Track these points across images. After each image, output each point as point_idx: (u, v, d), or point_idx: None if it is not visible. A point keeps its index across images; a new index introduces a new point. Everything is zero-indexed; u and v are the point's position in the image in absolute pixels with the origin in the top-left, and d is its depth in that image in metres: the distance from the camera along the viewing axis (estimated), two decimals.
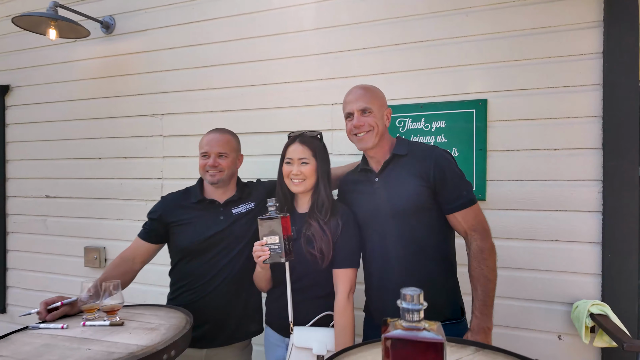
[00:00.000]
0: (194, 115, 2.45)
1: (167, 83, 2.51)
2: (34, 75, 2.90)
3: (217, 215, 1.68)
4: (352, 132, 1.49)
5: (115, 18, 2.62)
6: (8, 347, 1.13)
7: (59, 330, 1.24)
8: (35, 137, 2.90)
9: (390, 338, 0.66)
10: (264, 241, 1.38)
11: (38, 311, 1.34)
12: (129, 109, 2.61)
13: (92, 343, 1.13)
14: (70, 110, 2.78)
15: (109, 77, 2.66)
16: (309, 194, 1.54)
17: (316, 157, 1.50)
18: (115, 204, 2.64)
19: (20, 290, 2.97)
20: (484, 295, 1.37)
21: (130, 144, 2.61)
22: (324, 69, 2.14)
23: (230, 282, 1.65)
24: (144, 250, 1.68)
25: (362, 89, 1.50)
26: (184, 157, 2.48)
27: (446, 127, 1.91)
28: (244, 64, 2.32)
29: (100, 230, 2.68)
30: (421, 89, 1.97)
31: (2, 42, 3.02)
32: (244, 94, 2.32)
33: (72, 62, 2.77)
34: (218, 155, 1.66)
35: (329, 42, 2.13)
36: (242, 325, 1.70)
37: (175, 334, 1.18)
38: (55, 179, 2.83)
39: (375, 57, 2.05)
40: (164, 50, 2.51)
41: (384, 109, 1.51)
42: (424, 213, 1.44)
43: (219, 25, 2.39)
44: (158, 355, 1.05)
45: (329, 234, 1.44)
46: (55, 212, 2.83)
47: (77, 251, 2.73)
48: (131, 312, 1.40)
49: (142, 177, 2.58)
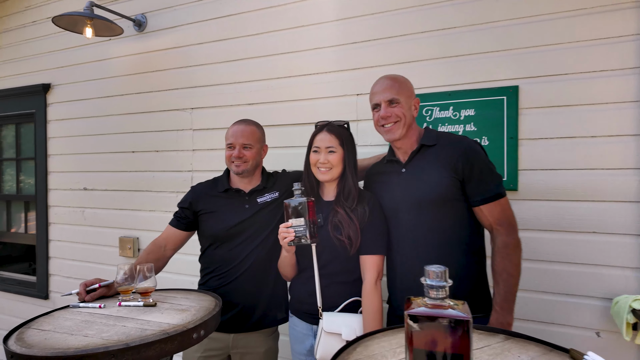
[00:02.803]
0: (222, 109, 2.50)
1: (196, 78, 2.57)
2: (72, 73, 3.05)
3: (243, 204, 1.72)
4: (379, 123, 1.48)
5: (146, 16, 2.71)
6: (51, 322, 1.20)
7: (97, 309, 1.31)
8: (74, 132, 3.05)
9: (413, 315, 0.65)
10: (289, 223, 1.40)
11: (78, 292, 1.41)
12: (160, 104, 2.70)
13: (127, 321, 1.18)
14: (105, 106, 2.90)
15: (142, 74, 2.75)
16: (335, 182, 1.55)
17: (343, 146, 1.50)
18: (148, 195, 2.74)
19: (61, 278, 3.14)
20: (506, 290, 1.34)
21: (162, 138, 2.69)
22: (348, 59, 2.14)
23: (257, 269, 1.69)
24: (176, 238, 1.74)
25: (390, 79, 1.49)
26: (212, 150, 2.54)
27: (475, 115, 1.87)
28: (270, 57, 2.35)
29: (134, 221, 2.78)
30: (449, 76, 1.93)
31: (43, 43, 3.19)
32: (270, 86, 2.35)
33: (107, 59, 2.89)
34: (243, 146, 1.69)
35: (354, 32, 2.12)
36: (269, 312, 1.73)
37: (205, 314, 1.21)
38: (92, 172, 2.97)
39: (401, 46, 2.02)
40: (193, 46, 2.58)
41: (412, 99, 1.49)
42: (451, 204, 1.42)
43: (245, 20, 2.43)
44: (188, 333, 1.09)
45: (355, 220, 1.44)
46: (92, 204, 2.97)
47: (113, 241, 2.85)
48: (164, 295, 1.46)
49: (173, 170, 2.66)
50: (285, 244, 1.42)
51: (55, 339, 1.07)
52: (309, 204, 1.40)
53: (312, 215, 1.40)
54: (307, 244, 1.40)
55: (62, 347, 1.01)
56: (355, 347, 0.92)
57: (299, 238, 1.39)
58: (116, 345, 1.00)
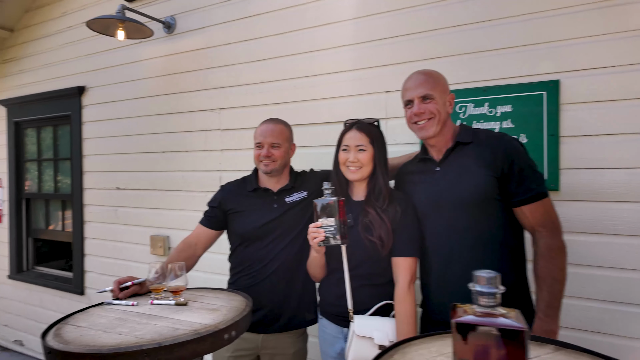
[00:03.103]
0: (249, 109, 2.50)
1: (224, 78, 2.58)
2: (105, 76, 3.14)
3: (271, 204, 1.71)
4: (412, 120, 1.42)
5: (175, 18, 2.76)
6: (86, 319, 1.23)
7: (130, 307, 1.32)
8: (107, 133, 3.14)
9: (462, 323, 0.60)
10: (319, 223, 1.37)
11: (112, 289, 1.43)
12: (189, 104, 2.73)
13: (159, 319, 1.19)
14: (137, 107, 2.97)
15: (171, 75, 2.80)
16: (365, 181, 1.51)
17: (373, 144, 1.46)
18: (178, 195, 2.78)
19: (95, 274, 3.24)
20: (550, 296, 1.26)
21: (191, 138, 2.73)
22: (377, 56, 2.09)
23: (286, 269, 1.67)
24: (206, 236, 1.75)
25: (423, 74, 1.43)
26: (240, 150, 2.54)
27: (513, 111, 1.78)
28: (296, 55, 2.33)
29: (165, 220, 2.83)
30: (485, 71, 1.85)
31: (78, 47, 3.31)
32: (297, 85, 2.33)
33: (138, 62, 2.96)
34: (271, 145, 1.68)
35: (383, 28, 2.07)
36: (299, 313, 1.71)
37: (236, 315, 1.20)
38: (124, 172, 3.05)
39: (432, 41, 1.96)
40: (220, 47, 2.60)
41: (447, 94, 1.43)
42: (489, 205, 1.35)
43: (271, 19, 2.42)
44: (220, 333, 1.08)
45: (387, 221, 1.39)
46: (124, 202, 3.04)
47: (144, 239, 2.91)
48: (194, 294, 1.46)
49: (202, 170, 2.69)
50: (315, 244, 1.39)
51: (90, 336, 1.09)
52: (340, 204, 1.37)
53: (342, 215, 1.37)
54: (338, 244, 1.37)
55: (97, 345, 1.02)
56: (392, 354, 0.88)
57: (329, 238, 1.36)
58: (149, 344, 1.00)
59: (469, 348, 0.59)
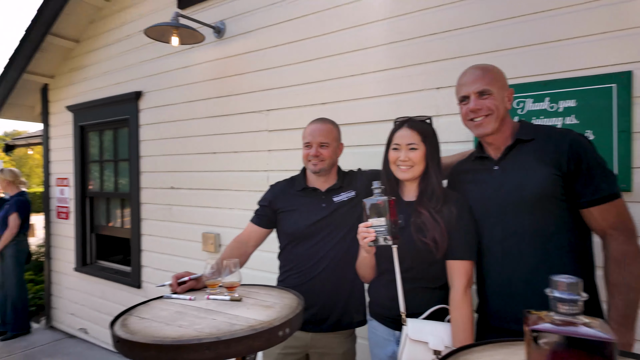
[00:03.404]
0: (295, 110, 2.53)
1: (272, 80, 2.63)
2: (160, 81, 3.31)
3: (320, 203, 1.72)
4: (468, 117, 1.37)
5: (225, 22, 2.84)
6: (149, 311, 1.29)
7: (188, 301, 1.38)
8: (162, 135, 3.30)
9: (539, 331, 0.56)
10: (369, 223, 1.35)
11: (170, 284, 1.50)
12: (238, 106, 2.81)
13: (216, 314, 1.23)
14: (189, 110, 3.10)
15: (221, 79, 2.90)
16: (416, 181, 1.47)
17: (426, 143, 1.42)
18: (227, 194, 2.87)
19: (151, 269, 3.42)
20: (626, 306, 1.16)
21: (240, 140, 2.80)
22: (428, 51, 2.03)
23: (335, 268, 1.67)
24: (256, 234, 1.79)
25: (480, 69, 1.37)
26: (287, 150, 2.58)
27: (577, 106, 1.66)
28: (342, 55, 2.32)
29: (216, 218, 2.94)
30: (545, 64, 1.74)
31: (135, 54, 3.51)
32: (343, 85, 2.33)
33: (190, 67, 3.09)
34: (320, 145, 1.69)
35: (433, 23, 2.01)
36: (347, 314, 1.71)
37: (289, 312, 1.22)
38: (178, 172, 3.19)
39: (487, 34, 1.87)
40: (267, 49, 2.65)
41: (505, 90, 1.36)
42: (553, 205, 1.26)
43: (316, 20, 2.43)
44: (275, 330, 1.10)
45: (441, 222, 1.35)
46: (178, 201, 3.19)
47: (196, 236, 3.04)
48: (247, 290, 1.49)
49: (250, 170, 2.76)
50: (365, 244, 1.37)
51: (153, 327, 1.14)
52: (390, 203, 1.34)
53: (393, 215, 1.34)
54: (388, 244, 1.34)
55: (160, 336, 1.07)
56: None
57: (380, 238, 1.33)
58: (208, 338, 1.03)
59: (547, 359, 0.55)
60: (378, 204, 1.34)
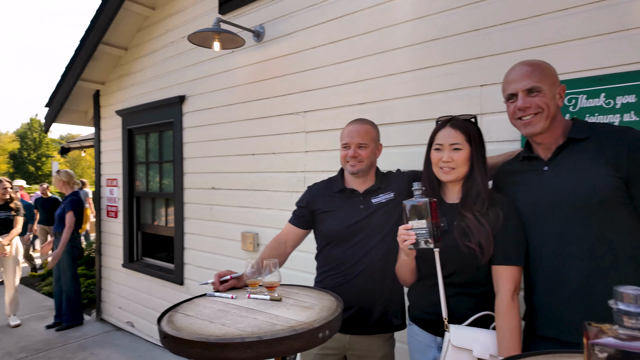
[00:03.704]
0: (332, 111, 2.53)
1: (309, 82, 2.65)
2: (202, 85, 3.42)
3: (357, 204, 1.70)
4: (516, 115, 1.30)
5: (264, 26, 2.89)
6: (193, 308, 1.33)
7: (229, 300, 1.41)
8: (204, 138, 3.41)
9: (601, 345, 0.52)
10: (409, 225, 1.31)
11: (213, 282, 1.55)
12: (276, 109, 2.85)
13: (257, 313, 1.25)
14: (229, 113, 3.18)
15: (260, 81, 2.95)
16: (459, 183, 1.42)
17: (470, 143, 1.36)
18: (266, 194, 2.92)
19: (193, 267, 3.54)
20: None
21: (278, 141, 2.84)
22: (470, 48, 1.96)
23: (373, 270, 1.65)
24: (295, 235, 1.80)
25: (529, 65, 1.30)
26: (323, 151, 2.58)
27: (638, 102, 1.54)
28: (382, 54, 2.29)
29: (254, 218, 3.00)
30: (600, 58, 1.63)
31: (179, 59, 3.65)
32: (382, 84, 2.29)
33: (230, 70, 3.17)
34: (358, 145, 1.67)
35: (477, 18, 1.94)
36: (386, 317, 1.68)
37: (329, 314, 1.21)
38: (219, 173, 3.29)
39: (535, 28, 1.78)
40: (306, 51, 2.66)
41: (556, 86, 1.29)
42: (611, 209, 1.18)
43: (352, 20, 2.42)
44: (315, 332, 1.10)
45: (487, 226, 1.29)
46: (219, 201, 3.29)
47: (236, 236, 3.11)
48: (286, 290, 1.51)
49: (287, 171, 2.79)
50: (406, 247, 1.33)
51: (198, 325, 1.18)
52: (432, 205, 1.30)
53: (435, 217, 1.30)
54: (430, 248, 1.30)
55: (205, 334, 1.10)
56: None
57: (420, 241, 1.30)
58: (251, 337, 1.05)
59: None
60: (419, 206, 1.31)
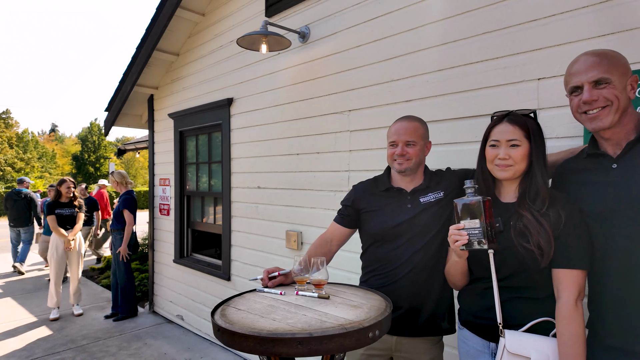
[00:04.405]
0: (377, 109, 2.50)
1: (353, 80, 2.64)
2: (249, 87, 3.51)
3: (405, 204, 1.67)
4: (581, 109, 1.22)
5: (309, 27, 2.92)
6: (244, 303, 1.37)
7: (278, 296, 1.44)
8: (250, 138, 3.51)
9: None
10: (461, 225, 1.26)
11: (262, 278, 1.58)
12: (320, 108, 2.86)
13: (306, 310, 1.26)
14: (275, 114, 3.24)
15: (305, 82, 2.98)
16: (516, 181, 1.35)
17: (529, 139, 1.29)
18: (310, 194, 2.94)
19: (240, 263, 3.65)
20: None
21: (322, 141, 2.86)
22: (526, 40, 1.86)
23: (421, 272, 1.61)
24: (340, 234, 1.80)
25: (595, 55, 1.21)
26: (367, 150, 2.56)
27: None
28: (428, 50, 2.23)
29: (298, 217, 3.03)
30: None
31: (226, 63, 3.78)
32: (430, 80, 2.24)
33: (276, 72, 3.23)
34: (406, 143, 1.64)
35: (533, 8, 1.83)
36: (434, 320, 1.63)
37: (378, 314, 1.20)
38: (264, 173, 3.36)
39: (600, 15, 1.65)
40: (350, 50, 2.66)
41: (628, 76, 1.19)
42: None
43: (395, 17, 2.38)
44: (365, 331, 1.09)
45: (547, 227, 1.22)
46: (264, 200, 3.36)
47: (280, 234, 3.17)
48: (333, 289, 1.51)
49: (331, 170, 2.79)
50: (457, 247, 1.28)
51: (249, 319, 1.21)
52: (485, 204, 1.24)
53: (489, 216, 1.24)
54: (484, 249, 1.25)
55: (257, 328, 1.12)
56: None
57: (474, 242, 1.24)
58: (301, 334, 1.06)
59: None
60: (471, 204, 1.25)
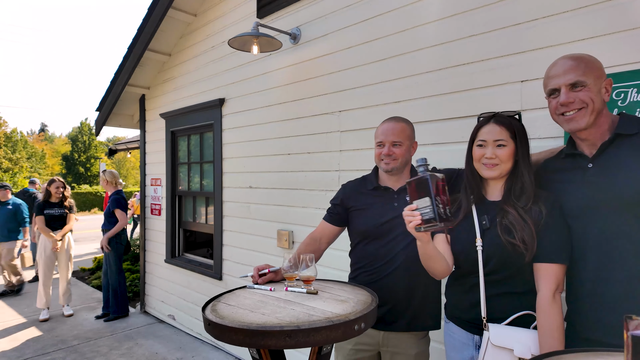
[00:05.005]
0: (367, 110, 2.55)
1: (344, 81, 2.68)
2: (240, 88, 3.54)
3: (392, 202, 1.71)
4: (558, 111, 1.27)
5: (301, 29, 2.96)
6: (234, 299, 1.40)
7: (268, 292, 1.47)
8: (242, 139, 3.53)
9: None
10: (414, 205, 1.24)
11: (252, 275, 1.62)
12: (311, 109, 2.90)
13: (295, 305, 1.30)
14: (266, 114, 3.27)
15: (296, 83, 3.01)
16: (502, 180, 1.40)
17: (515, 139, 1.35)
18: (301, 193, 2.98)
19: (231, 263, 3.67)
20: None
21: (313, 141, 2.89)
22: (510, 43, 1.91)
23: (408, 268, 1.65)
24: (329, 232, 1.84)
25: (572, 59, 1.26)
26: (358, 150, 2.61)
27: None
28: (417, 52, 2.28)
29: (289, 216, 3.07)
30: None
31: (218, 64, 3.80)
32: (419, 82, 2.29)
33: (267, 73, 3.26)
34: (392, 144, 1.68)
35: (518, 11, 1.89)
36: (421, 315, 1.68)
37: (364, 308, 1.24)
38: (256, 173, 3.39)
39: (579, 20, 1.71)
40: (341, 51, 2.70)
41: (602, 80, 1.24)
42: None
43: (389, 18, 2.42)
44: (351, 324, 1.13)
45: (530, 223, 1.27)
46: (255, 200, 3.39)
47: (272, 233, 3.20)
48: (322, 285, 1.55)
49: (322, 170, 2.83)
50: (412, 229, 1.25)
51: (239, 314, 1.24)
52: (437, 183, 1.20)
53: (440, 193, 1.19)
54: (438, 228, 1.19)
55: (246, 322, 1.16)
56: None
57: (427, 221, 1.19)
58: (289, 327, 1.10)
59: None
60: (421, 183, 1.20)
